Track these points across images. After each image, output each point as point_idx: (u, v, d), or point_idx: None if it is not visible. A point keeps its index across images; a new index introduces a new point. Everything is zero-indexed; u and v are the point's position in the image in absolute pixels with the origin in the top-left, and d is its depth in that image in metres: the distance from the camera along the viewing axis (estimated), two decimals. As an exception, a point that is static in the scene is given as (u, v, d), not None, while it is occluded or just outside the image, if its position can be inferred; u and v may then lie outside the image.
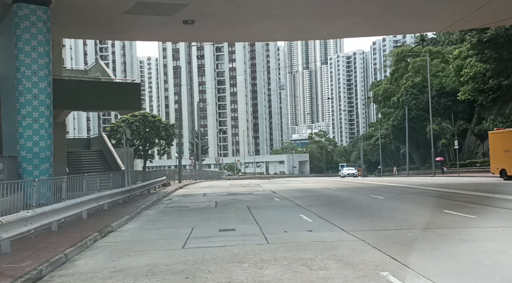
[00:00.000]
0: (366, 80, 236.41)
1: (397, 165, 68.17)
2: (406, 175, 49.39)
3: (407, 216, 9.62)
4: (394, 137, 55.55)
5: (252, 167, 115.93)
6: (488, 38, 36.66)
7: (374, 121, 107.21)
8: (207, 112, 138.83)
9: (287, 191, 19.21)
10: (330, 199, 14.56)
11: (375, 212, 10.51)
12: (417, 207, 11.30)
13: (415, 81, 52.65)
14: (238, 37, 22.76)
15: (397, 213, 10.10)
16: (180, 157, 30.37)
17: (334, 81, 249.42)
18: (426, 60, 58.36)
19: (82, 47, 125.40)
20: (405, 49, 67.00)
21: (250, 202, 14.30)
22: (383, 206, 11.90)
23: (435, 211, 10.20)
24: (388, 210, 10.86)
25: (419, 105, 50.72)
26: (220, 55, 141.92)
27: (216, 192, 20.71)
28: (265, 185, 26.76)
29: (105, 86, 21.99)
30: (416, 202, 12.90)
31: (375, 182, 26.67)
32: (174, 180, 30.95)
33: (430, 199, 13.57)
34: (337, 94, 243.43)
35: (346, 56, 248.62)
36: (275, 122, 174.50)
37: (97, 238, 7.75)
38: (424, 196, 14.72)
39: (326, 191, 18.95)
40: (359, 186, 22.13)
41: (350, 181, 31.83)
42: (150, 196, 16.77)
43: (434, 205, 11.73)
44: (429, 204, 11.93)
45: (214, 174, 55.08)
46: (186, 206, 13.87)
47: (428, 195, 14.99)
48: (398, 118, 52.48)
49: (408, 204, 12.18)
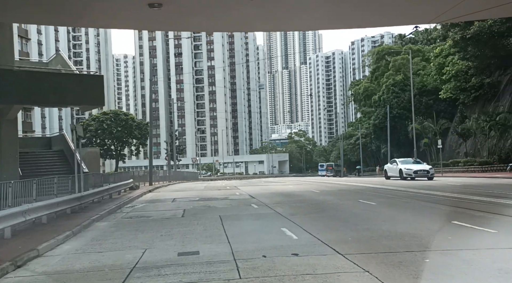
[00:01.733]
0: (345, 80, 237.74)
1: (377, 165, 67.42)
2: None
3: (412, 229, 7.89)
4: (375, 136, 54.56)
5: (231, 167, 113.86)
6: (472, 34, 35.75)
7: (353, 121, 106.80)
8: (185, 111, 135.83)
9: (266, 195, 17.38)
10: (316, 205, 12.79)
11: (372, 223, 8.77)
12: (419, 217, 9.60)
13: (397, 80, 51.76)
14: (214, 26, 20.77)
15: (398, 226, 8.37)
16: (151, 157, 28.12)
17: (313, 80, 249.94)
18: (407, 58, 57.66)
19: (54, 43, 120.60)
20: (386, 47, 66.32)
21: (223, 210, 12.38)
22: (379, 215, 10.18)
23: (443, 223, 8.52)
24: (386, 220, 9.13)
25: (400, 104, 49.81)
26: (198, 53, 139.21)
27: (188, 196, 18.70)
28: (243, 187, 24.87)
29: (64, 79, 19.67)
30: (414, 209, 11.24)
31: (359, 183, 25.13)
32: (145, 182, 28.76)
33: (428, 205, 11.95)
34: (316, 94, 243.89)
35: (325, 56, 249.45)
36: (255, 121, 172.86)
37: (7, 271, 5.69)
38: (419, 201, 13.12)
39: (310, 194, 17.21)
40: (343, 188, 20.50)
41: (333, 182, 30.28)
42: (109, 203, 14.64)
43: (437, 214, 10.08)
44: (431, 213, 10.27)
45: (190, 175, 52.84)
46: (148, 215, 11.83)
47: (423, 200, 13.40)
48: (379, 117, 51.47)
49: (407, 213, 10.49)
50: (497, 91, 40.72)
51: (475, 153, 40.59)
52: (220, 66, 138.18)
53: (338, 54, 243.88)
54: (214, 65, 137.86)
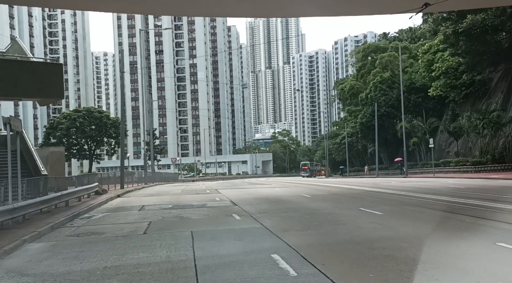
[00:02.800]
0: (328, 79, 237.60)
1: (363, 165, 65.86)
2: (376, 175, 46.71)
3: (455, 259, 5.71)
4: (362, 135, 52.83)
5: (214, 167, 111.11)
6: (464, 28, 34.22)
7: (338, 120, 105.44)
8: (166, 109, 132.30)
9: (250, 201, 15.10)
10: (311, 216, 10.55)
11: (391, 245, 6.56)
12: (452, 238, 7.43)
13: (384, 77, 50.14)
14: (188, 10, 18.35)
15: (431, 250, 6.18)
16: (122, 157, 25.46)
17: (297, 80, 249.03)
18: (394, 55, 56.27)
19: (29, 39, 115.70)
20: (372, 44, 64.85)
21: (198, 223, 10.03)
22: (395, 232, 7.99)
23: (487, 246, 6.38)
24: (409, 242, 6.92)
25: (388, 102, 48.21)
26: (180, 51, 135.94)
27: (160, 202, 16.26)
28: (225, 191, 22.52)
29: (17, 68, 16.97)
30: (434, 222, 9.09)
31: (352, 186, 23.07)
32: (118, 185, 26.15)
33: (447, 216, 9.84)
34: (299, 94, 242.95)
35: (309, 55, 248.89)
36: (238, 121, 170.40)
37: None
38: (432, 210, 11.02)
39: (301, 201, 14.99)
40: (337, 193, 18.37)
41: (322, 184, 28.19)
42: (62, 213, 12.12)
43: (467, 230, 7.94)
44: (461, 230, 8.12)
45: (170, 176, 50.13)
46: (102, 231, 9.39)
47: (436, 207, 11.33)
48: (366, 116, 49.76)
49: (428, 228, 8.32)
50: (488, 89, 39.41)
51: (466, 152, 39.18)
52: (203, 64, 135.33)
53: (322, 53, 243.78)
54: (196, 63, 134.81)
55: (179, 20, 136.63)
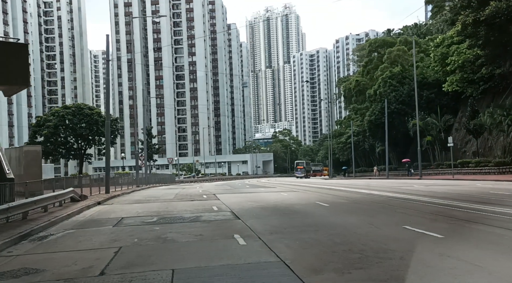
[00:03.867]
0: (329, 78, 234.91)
1: (369, 165, 62.90)
2: (386, 176, 43.76)
3: None
4: (370, 134, 49.82)
5: (214, 168, 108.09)
6: (486, 16, 31.24)
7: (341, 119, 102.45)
8: (164, 108, 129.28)
9: (256, 212, 12.15)
10: (344, 240, 7.55)
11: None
12: None
13: (394, 71, 47.12)
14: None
15: None
16: (108, 157, 22.42)
17: (297, 79, 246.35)
18: (403, 49, 53.38)
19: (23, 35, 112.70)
20: (379, 39, 61.86)
21: (185, 253, 7.04)
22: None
23: None
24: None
25: (399, 98, 45.22)
26: (178, 49, 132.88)
27: (145, 212, 13.29)
28: (224, 196, 19.56)
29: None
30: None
31: (371, 190, 20.05)
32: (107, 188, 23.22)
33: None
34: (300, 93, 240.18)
35: (309, 54, 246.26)
36: (238, 120, 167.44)
37: None
38: (506, 229, 8.07)
39: (319, 212, 12.02)
40: (357, 199, 15.38)
41: (333, 186, 25.14)
42: (8, 231, 9.14)
43: None
44: None
45: (166, 177, 47.13)
46: (42, 267, 6.38)
47: (508, 226, 8.37)
48: (375, 113, 46.75)
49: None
50: (509, 83, 36.43)
51: (486, 152, 36.21)
52: (202, 62, 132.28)
53: (323, 52, 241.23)
54: (196, 61, 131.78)
55: (177, 17, 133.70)
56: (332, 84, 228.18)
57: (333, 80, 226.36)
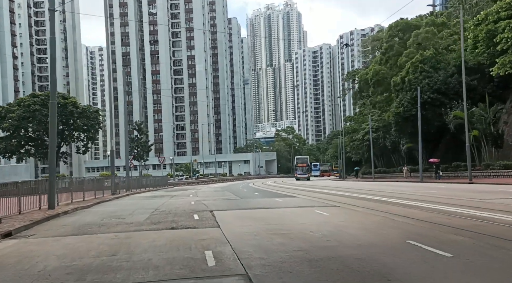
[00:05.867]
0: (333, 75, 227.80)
1: (388, 165, 55.72)
2: (419, 178, 36.57)
3: None
4: (397, 129, 42.56)
5: (213, 167, 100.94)
6: None
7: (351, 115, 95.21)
8: (161, 105, 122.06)
9: (302, 277, 4.99)
10: None
11: None
12: None
13: (426, 55, 39.88)
14: None
15: None
16: (52, 155, 15.13)
17: (300, 76, 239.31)
18: (432, 31, 46.17)
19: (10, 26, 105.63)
20: (401, 22, 54.65)
21: None
22: None
23: None
24: None
25: (433, 86, 38.03)
26: (176, 41, 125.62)
27: (63, 269, 6.16)
28: (227, 217, 12.40)
29: None
30: None
31: (441, 204, 12.83)
32: (76, 198, 16.16)
33: None
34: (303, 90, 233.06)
35: (313, 50, 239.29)
36: (239, 118, 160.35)
37: None
38: None
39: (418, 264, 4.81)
40: (458, 226, 8.18)
41: (375, 195, 17.86)
42: None
43: None
44: None
45: (157, 180, 39.94)
46: None
47: None
48: (404, 104, 39.51)
49: None
50: None
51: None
52: (201, 56, 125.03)
53: (326, 48, 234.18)
54: (195, 55, 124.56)
55: (175, 8, 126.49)
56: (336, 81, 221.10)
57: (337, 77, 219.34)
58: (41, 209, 14.09)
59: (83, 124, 35.11)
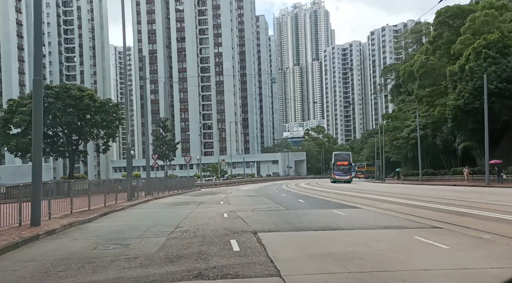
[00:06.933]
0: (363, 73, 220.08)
1: (436, 166, 50.00)
2: (486, 182, 31.10)
3: None
4: (455, 124, 37.07)
5: (241, 168, 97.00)
6: None
7: (389, 112, 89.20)
8: (188, 104, 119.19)
9: None
10: None
11: None
12: None
13: (490, 39, 34.35)
14: None
15: None
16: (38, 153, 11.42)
17: (329, 75, 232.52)
18: (493, 14, 40.47)
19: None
20: (452, 7, 48.89)
21: None
22: None
23: None
24: None
25: (501, 74, 32.53)
26: (203, 39, 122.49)
27: None
28: (276, 241, 8.11)
29: None
30: None
31: None
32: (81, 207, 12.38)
33: None
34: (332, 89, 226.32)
35: (342, 48, 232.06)
36: (267, 118, 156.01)
37: None
38: None
39: None
40: None
41: (462, 205, 13.08)
42: None
43: None
44: None
45: (182, 181, 36.10)
46: None
47: None
48: (464, 96, 34.11)
49: None
50: None
51: None
52: (229, 53, 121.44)
53: (356, 45, 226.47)
54: (222, 52, 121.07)
55: (202, 5, 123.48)
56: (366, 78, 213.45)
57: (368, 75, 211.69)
58: (22, 225, 10.16)
59: (101, 119, 31.52)
